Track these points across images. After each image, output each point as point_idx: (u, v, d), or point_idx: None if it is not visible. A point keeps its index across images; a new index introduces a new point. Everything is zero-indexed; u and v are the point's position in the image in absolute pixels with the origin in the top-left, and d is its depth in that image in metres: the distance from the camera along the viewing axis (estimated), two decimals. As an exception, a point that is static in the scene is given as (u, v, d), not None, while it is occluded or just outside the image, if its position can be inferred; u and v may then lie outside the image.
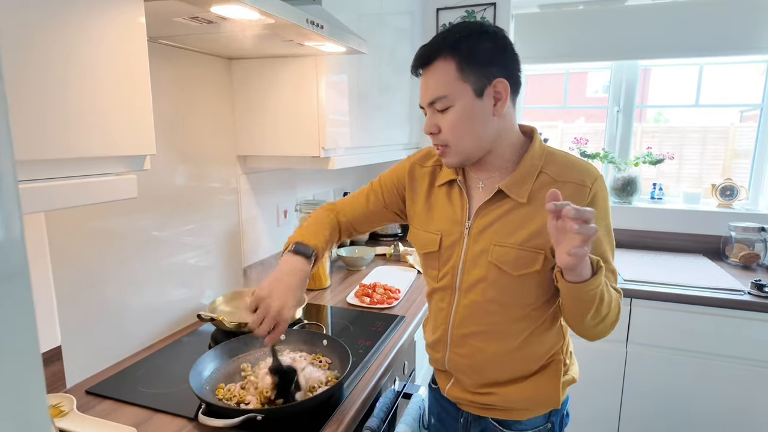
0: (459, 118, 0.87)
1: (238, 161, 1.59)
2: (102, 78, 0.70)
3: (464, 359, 0.98)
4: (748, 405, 1.76)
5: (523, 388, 0.95)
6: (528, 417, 0.98)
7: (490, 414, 1.00)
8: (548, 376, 0.96)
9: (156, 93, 1.25)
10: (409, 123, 2.34)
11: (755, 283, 1.75)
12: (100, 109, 0.71)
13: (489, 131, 0.89)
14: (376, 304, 1.54)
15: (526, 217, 0.89)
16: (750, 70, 2.28)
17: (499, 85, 0.86)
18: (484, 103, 0.86)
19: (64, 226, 1.04)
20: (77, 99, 0.67)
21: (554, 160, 0.92)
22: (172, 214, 1.33)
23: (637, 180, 2.38)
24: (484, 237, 0.92)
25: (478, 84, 0.85)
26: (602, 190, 0.90)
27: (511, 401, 0.96)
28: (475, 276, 0.93)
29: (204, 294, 1.48)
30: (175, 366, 1.15)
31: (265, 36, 1.13)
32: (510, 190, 0.90)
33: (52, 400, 0.96)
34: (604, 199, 0.90)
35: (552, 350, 0.96)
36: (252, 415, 0.86)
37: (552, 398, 0.95)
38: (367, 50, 1.77)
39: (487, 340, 0.95)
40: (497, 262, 0.90)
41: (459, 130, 0.88)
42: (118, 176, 0.76)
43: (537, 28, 2.39)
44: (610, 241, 0.92)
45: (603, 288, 0.81)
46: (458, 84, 0.85)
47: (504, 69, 0.87)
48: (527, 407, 0.97)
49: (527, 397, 0.96)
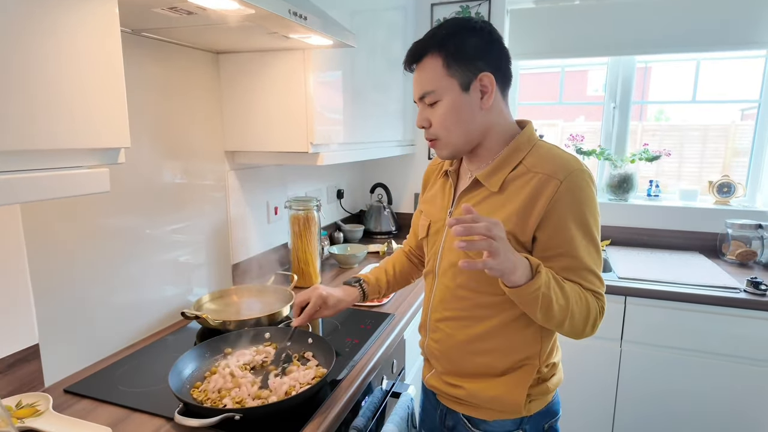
0: (447, 111, 0.90)
1: (226, 157, 1.56)
2: (72, 67, 0.68)
3: (436, 344, 1.01)
4: (744, 404, 1.74)
5: (489, 387, 0.94)
6: (495, 418, 0.96)
7: (461, 409, 1.00)
8: (515, 379, 0.93)
9: (142, 87, 1.23)
10: (402, 119, 2.32)
11: (751, 280, 1.73)
12: (70, 100, 0.68)
13: (477, 124, 0.91)
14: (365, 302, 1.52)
15: (496, 206, 0.90)
16: (748, 66, 2.25)
17: (485, 79, 0.88)
18: (470, 96, 0.89)
19: (43, 221, 1.02)
20: (45, 88, 0.65)
21: (537, 152, 0.91)
22: (157, 211, 1.31)
23: (633, 177, 2.35)
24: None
25: (464, 78, 0.88)
26: (578, 186, 0.85)
27: (476, 397, 0.96)
28: (449, 261, 0.97)
29: (191, 292, 1.46)
30: (157, 365, 1.13)
31: (249, 28, 1.11)
32: (485, 179, 0.92)
33: (28, 400, 0.94)
34: (578, 195, 0.85)
35: (524, 353, 0.93)
36: (230, 414, 0.84)
37: (514, 404, 0.93)
38: (361, 46, 1.75)
39: (456, 326, 0.97)
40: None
41: (447, 124, 0.91)
42: (90, 169, 0.74)
43: (532, 24, 2.36)
44: (588, 241, 0.87)
45: (546, 290, 0.80)
46: (445, 79, 0.88)
47: (490, 63, 0.89)
48: (491, 407, 0.95)
49: (491, 396, 0.94)
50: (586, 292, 0.88)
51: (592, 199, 0.88)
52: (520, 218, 0.87)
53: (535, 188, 0.86)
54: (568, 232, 0.86)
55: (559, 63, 2.53)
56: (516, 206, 0.87)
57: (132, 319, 1.26)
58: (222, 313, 1.39)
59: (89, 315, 1.13)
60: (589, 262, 0.88)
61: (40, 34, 0.64)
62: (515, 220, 0.87)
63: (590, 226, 0.87)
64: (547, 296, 0.80)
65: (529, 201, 0.86)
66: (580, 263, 0.87)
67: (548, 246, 0.87)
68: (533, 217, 0.86)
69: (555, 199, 0.84)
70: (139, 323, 1.28)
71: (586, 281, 0.88)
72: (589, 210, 0.87)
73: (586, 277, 0.88)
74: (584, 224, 0.87)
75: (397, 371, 1.40)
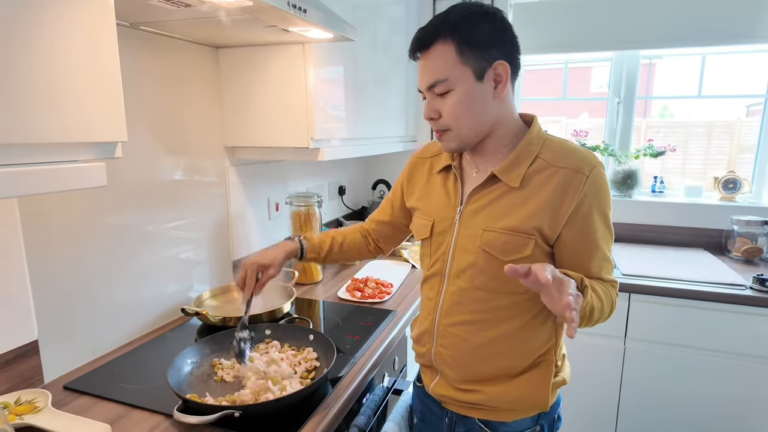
0: (459, 101, 0.85)
1: (226, 152, 1.55)
2: (66, 60, 0.67)
3: (448, 350, 0.95)
4: (750, 401, 1.73)
5: (511, 387, 0.92)
6: (515, 419, 0.94)
7: (476, 414, 0.96)
8: (538, 376, 0.92)
9: (141, 82, 1.22)
10: (404, 115, 2.30)
11: (757, 277, 1.71)
12: (65, 93, 0.67)
13: (489, 115, 0.88)
14: (367, 299, 1.51)
15: (518, 202, 0.87)
16: (754, 60, 2.22)
17: (500, 68, 0.85)
18: (484, 86, 0.85)
19: (42, 217, 1.01)
20: (39, 82, 0.64)
21: (552, 146, 0.90)
22: (157, 207, 1.30)
23: (637, 173, 2.33)
24: (474, 222, 0.90)
25: (478, 67, 0.83)
26: (601, 178, 0.86)
27: (497, 401, 0.92)
28: (465, 261, 0.91)
29: (192, 288, 1.45)
30: (156, 361, 1.13)
31: (248, 21, 1.09)
32: (503, 174, 0.88)
33: (27, 396, 0.93)
34: (602, 188, 0.87)
35: (542, 349, 0.92)
36: (229, 411, 0.83)
37: (541, 400, 0.91)
38: (362, 41, 1.73)
39: (472, 329, 0.92)
40: (486, 247, 0.88)
41: (459, 114, 0.86)
42: (86, 164, 0.73)
43: (536, 18, 2.33)
44: (608, 231, 0.90)
45: (592, 302, 0.82)
46: (458, 67, 0.83)
47: (504, 51, 0.85)
48: (514, 408, 0.93)
49: (515, 397, 0.91)
50: (607, 285, 0.90)
51: (609, 190, 0.90)
52: (549, 214, 0.85)
53: (560, 183, 0.85)
54: (593, 225, 0.87)
55: (562, 59, 2.50)
56: (542, 202, 0.85)
57: (132, 316, 1.25)
58: (222, 309, 1.38)
59: (89, 311, 1.13)
60: (607, 251, 0.90)
61: (32, 26, 0.63)
62: (545, 216, 0.85)
63: (609, 219, 0.90)
64: (592, 308, 0.82)
65: (556, 196, 0.85)
66: (602, 253, 0.89)
67: (576, 241, 0.88)
68: (562, 212, 0.85)
69: (583, 194, 0.85)
70: (139, 320, 1.27)
71: (605, 271, 0.90)
72: (609, 202, 0.89)
73: (606, 267, 0.90)
74: (605, 216, 0.89)
75: (398, 368, 1.39)
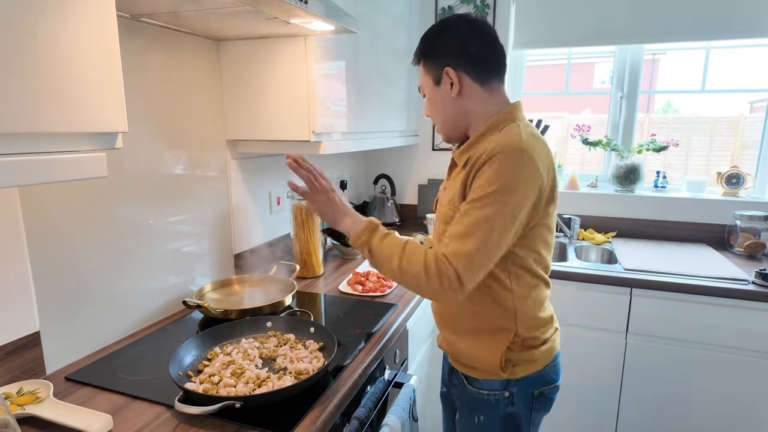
0: (429, 102, 1.06)
1: (227, 146, 1.55)
2: (66, 50, 0.67)
3: (439, 309, 1.14)
4: (752, 397, 1.72)
5: (470, 345, 1.05)
6: (485, 378, 1.05)
7: (459, 368, 1.10)
8: (490, 342, 1.02)
9: (141, 74, 1.22)
10: (406, 110, 2.29)
11: (760, 272, 1.70)
12: (67, 83, 0.67)
13: (452, 112, 1.02)
14: (368, 292, 1.51)
15: (458, 179, 0.98)
16: (759, 55, 2.21)
17: (450, 72, 0.98)
18: (442, 89, 1.01)
19: (44, 208, 1.01)
20: (39, 71, 0.64)
21: (504, 132, 0.94)
22: (159, 200, 1.30)
23: (639, 168, 2.32)
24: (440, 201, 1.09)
25: (435, 74, 1.01)
26: (503, 161, 0.86)
27: (460, 354, 1.08)
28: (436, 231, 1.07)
29: (193, 281, 1.45)
30: (158, 353, 1.13)
31: (249, 13, 1.09)
32: (457, 158, 1.03)
33: (29, 387, 0.94)
34: (496, 168, 0.86)
35: (501, 323, 1.01)
36: (230, 402, 0.84)
37: (490, 364, 1.02)
38: (364, 35, 1.73)
39: None
40: (438, 219, 1.05)
41: (431, 113, 1.07)
42: (87, 154, 0.73)
43: (539, 13, 2.32)
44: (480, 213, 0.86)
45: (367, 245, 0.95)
46: (425, 77, 1.04)
47: (462, 56, 0.97)
48: (474, 366, 1.06)
49: (474, 354, 1.05)
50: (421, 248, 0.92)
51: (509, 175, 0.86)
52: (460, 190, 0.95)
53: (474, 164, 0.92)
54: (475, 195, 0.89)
55: (565, 54, 2.49)
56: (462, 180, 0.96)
57: (134, 308, 1.25)
58: (224, 302, 1.39)
59: (91, 303, 1.13)
60: (472, 227, 0.87)
61: (32, 17, 0.62)
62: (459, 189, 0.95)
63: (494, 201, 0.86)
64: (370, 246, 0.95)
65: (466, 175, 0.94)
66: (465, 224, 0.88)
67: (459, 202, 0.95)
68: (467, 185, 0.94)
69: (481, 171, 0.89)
70: (140, 312, 1.27)
71: (451, 240, 0.89)
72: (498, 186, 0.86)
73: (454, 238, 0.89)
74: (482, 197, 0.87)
75: (399, 362, 1.39)
